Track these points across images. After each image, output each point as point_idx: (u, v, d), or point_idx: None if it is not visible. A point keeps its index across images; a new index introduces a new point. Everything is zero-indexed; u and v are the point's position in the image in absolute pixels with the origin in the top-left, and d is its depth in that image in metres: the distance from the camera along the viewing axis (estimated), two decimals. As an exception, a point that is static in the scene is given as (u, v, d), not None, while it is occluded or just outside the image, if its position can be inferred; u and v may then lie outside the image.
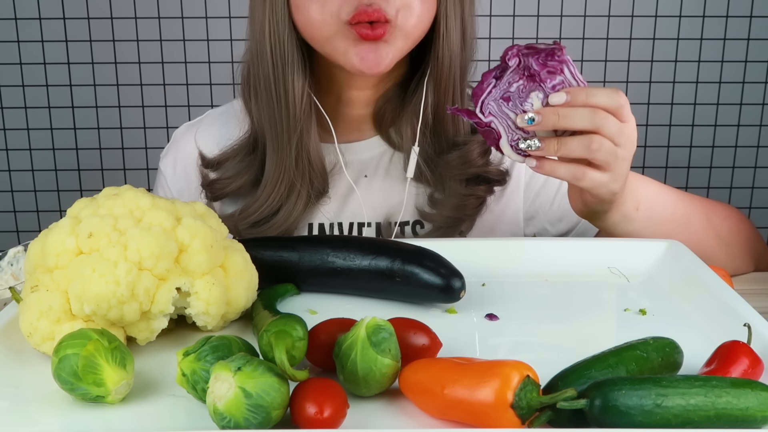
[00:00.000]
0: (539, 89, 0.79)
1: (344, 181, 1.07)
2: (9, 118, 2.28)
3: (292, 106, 0.99)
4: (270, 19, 0.97)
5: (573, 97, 0.78)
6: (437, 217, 1.04)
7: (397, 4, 0.92)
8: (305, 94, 0.99)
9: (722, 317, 0.73)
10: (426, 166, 1.05)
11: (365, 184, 1.08)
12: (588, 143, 0.79)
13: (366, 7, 0.91)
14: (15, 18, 2.20)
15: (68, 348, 0.60)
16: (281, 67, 0.98)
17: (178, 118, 2.24)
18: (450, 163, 1.03)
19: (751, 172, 2.34)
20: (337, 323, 0.67)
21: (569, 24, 2.22)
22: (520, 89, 0.79)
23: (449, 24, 0.98)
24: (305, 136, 1.01)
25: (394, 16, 0.92)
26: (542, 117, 0.78)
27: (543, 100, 0.79)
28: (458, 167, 1.03)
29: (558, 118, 0.78)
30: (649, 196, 0.94)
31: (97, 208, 0.71)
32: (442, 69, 1.00)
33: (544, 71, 0.78)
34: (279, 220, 1.03)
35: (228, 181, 1.06)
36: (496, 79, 0.79)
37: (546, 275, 0.87)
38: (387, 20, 0.92)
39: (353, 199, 1.07)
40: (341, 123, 1.08)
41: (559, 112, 0.78)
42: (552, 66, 0.78)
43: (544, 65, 0.78)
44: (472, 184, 1.04)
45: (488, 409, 0.54)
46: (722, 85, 2.27)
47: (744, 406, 0.53)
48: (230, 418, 0.55)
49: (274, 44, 0.98)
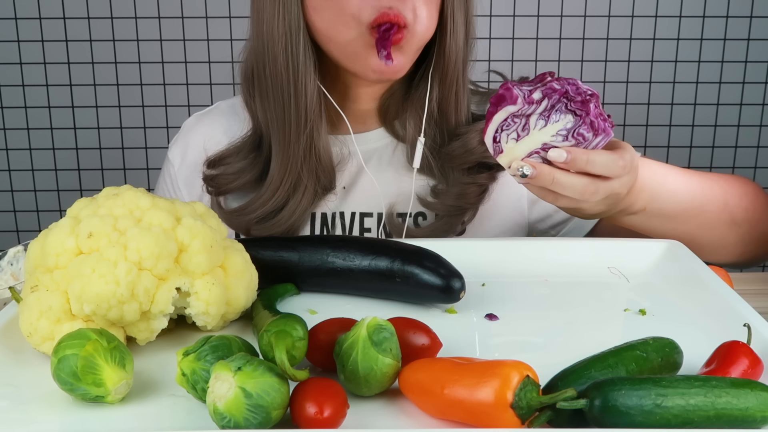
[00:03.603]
0: (576, 121, 0.78)
1: (348, 171, 1.07)
2: (9, 118, 2.28)
3: (303, 105, 0.99)
4: (282, 19, 0.97)
5: (573, 160, 0.78)
6: (439, 207, 1.05)
7: (412, 6, 0.93)
8: (316, 93, 1.00)
9: (722, 317, 0.73)
10: (431, 157, 1.05)
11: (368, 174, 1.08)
12: (582, 190, 0.80)
13: (387, 10, 0.92)
14: (15, 18, 2.20)
15: (67, 348, 0.60)
16: (293, 68, 0.98)
17: (178, 118, 2.24)
18: (452, 153, 1.04)
19: (751, 172, 2.34)
20: (337, 323, 0.67)
21: (569, 24, 2.22)
22: (561, 107, 0.78)
23: (456, 20, 1.00)
24: (315, 133, 1.01)
25: (412, 20, 0.94)
26: (537, 174, 0.79)
27: (566, 130, 0.78)
28: (460, 156, 1.03)
29: (551, 182, 0.79)
30: (662, 196, 0.93)
31: (97, 208, 0.71)
32: (448, 64, 1.01)
33: (590, 119, 0.77)
34: (285, 215, 1.04)
35: (232, 176, 1.07)
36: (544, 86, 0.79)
37: (546, 275, 0.87)
38: (405, 25, 0.93)
39: (356, 189, 1.08)
40: (347, 116, 1.09)
41: (554, 176, 0.78)
42: (597, 125, 0.78)
43: (596, 116, 0.78)
44: (474, 173, 1.05)
45: (488, 409, 0.54)
46: (722, 85, 2.27)
47: (744, 406, 0.53)
48: (230, 418, 0.55)
49: (285, 45, 0.98)
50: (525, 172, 0.78)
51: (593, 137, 0.78)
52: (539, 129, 0.78)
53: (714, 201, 0.98)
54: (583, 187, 0.80)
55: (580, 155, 0.78)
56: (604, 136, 0.78)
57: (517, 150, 0.79)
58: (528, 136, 0.79)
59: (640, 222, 0.93)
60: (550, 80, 0.79)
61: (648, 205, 0.91)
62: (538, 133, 0.78)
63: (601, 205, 0.84)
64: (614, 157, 0.80)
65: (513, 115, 0.79)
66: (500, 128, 0.79)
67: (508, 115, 0.79)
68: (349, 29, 0.94)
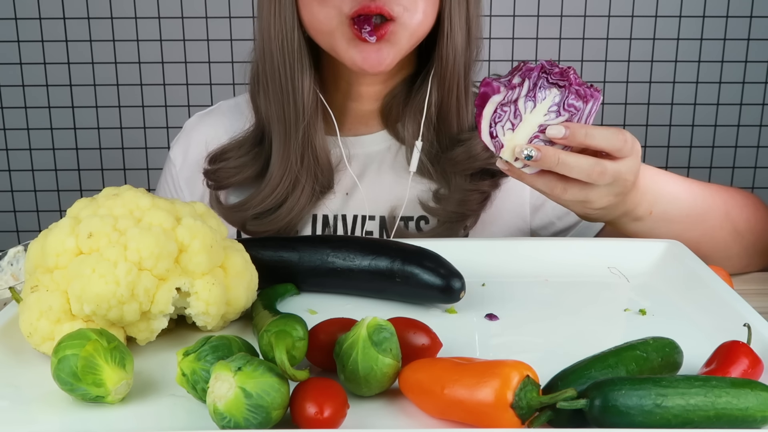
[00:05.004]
0: (562, 93, 0.78)
1: (349, 174, 1.07)
2: (9, 118, 2.28)
3: (300, 102, 1.00)
4: (277, 17, 0.98)
5: (572, 134, 0.77)
6: (441, 213, 1.04)
7: (404, 1, 0.93)
8: (312, 91, 1.00)
9: (722, 317, 0.73)
10: (430, 162, 1.05)
11: (370, 177, 1.08)
12: (590, 170, 0.79)
13: (369, 2, 0.91)
14: (15, 18, 2.20)
15: (67, 348, 0.60)
16: (288, 65, 0.99)
17: (178, 118, 2.24)
18: (455, 159, 1.03)
19: (751, 172, 2.34)
20: (337, 323, 0.67)
21: (569, 24, 2.22)
22: (543, 82, 0.78)
23: (454, 23, 0.98)
24: (312, 132, 1.02)
25: (400, 13, 0.93)
26: (542, 156, 0.78)
27: (556, 105, 0.78)
28: (463, 162, 1.03)
29: (557, 163, 0.78)
30: (664, 199, 0.92)
31: (97, 208, 0.71)
32: (446, 67, 1.00)
33: (575, 88, 0.77)
34: (282, 213, 1.04)
35: (233, 171, 1.07)
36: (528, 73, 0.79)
37: (546, 275, 0.87)
38: (392, 18, 0.93)
39: (358, 191, 1.08)
40: (349, 117, 1.09)
41: (560, 157, 0.78)
42: (584, 92, 0.78)
43: (580, 85, 0.78)
44: (477, 179, 1.05)
45: (488, 409, 0.54)
46: (722, 85, 2.27)
47: (744, 406, 0.53)
48: (230, 418, 0.55)
49: (281, 42, 0.98)
50: (530, 154, 0.78)
51: (584, 104, 0.78)
52: (530, 111, 0.78)
53: (716, 209, 0.98)
54: (590, 167, 0.79)
55: (578, 128, 0.77)
56: (594, 101, 0.78)
57: (516, 139, 0.79)
58: (522, 122, 0.79)
59: (645, 228, 0.92)
60: (523, 65, 0.79)
61: (653, 209, 0.91)
62: (531, 115, 0.78)
63: (609, 196, 0.83)
64: (613, 131, 0.79)
65: (500, 104, 0.79)
66: (493, 122, 0.79)
67: (495, 105, 0.79)
68: (330, 19, 0.94)
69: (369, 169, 1.09)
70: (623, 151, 0.80)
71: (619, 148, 0.80)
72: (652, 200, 0.90)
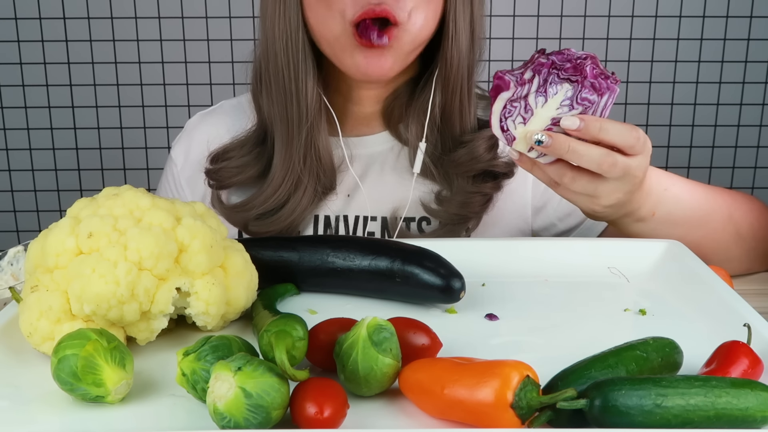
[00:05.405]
0: (574, 87, 0.77)
1: (351, 174, 1.07)
2: (9, 118, 2.28)
3: (303, 103, 1.00)
4: (281, 17, 0.98)
5: (586, 126, 0.77)
6: (443, 214, 1.04)
7: (409, 7, 0.93)
8: (315, 92, 1.00)
9: (722, 317, 0.73)
10: (432, 163, 1.05)
11: (372, 178, 1.08)
12: (600, 160, 0.78)
13: (374, 6, 0.91)
14: (15, 18, 2.20)
15: (67, 348, 0.60)
16: (292, 66, 0.99)
17: (178, 118, 2.24)
18: (457, 161, 1.03)
19: (751, 172, 2.34)
20: (337, 323, 0.67)
21: (569, 24, 2.22)
22: (553, 78, 0.77)
23: (458, 25, 0.98)
24: (314, 132, 1.02)
25: (405, 19, 0.93)
26: (552, 142, 0.77)
27: (568, 99, 0.77)
28: (466, 164, 1.03)
29: (567, 150, 0.77)
30: (668, 201, 0.92)
31: (97, 208, 0.71)
32: (450, 69, 1.00)
33: (590, 81, 0.76)
34: (285, 213, 1.03)
35: (235, 170, 1.07)
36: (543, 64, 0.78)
37: (546, 275, 0.87)
38: (396, 22, 0.93)
39: (360, 192, 1.08)
40: (350, 119, 1.09)
41: (570, 144, 0.77)
42: (599, 84, 0.77)
43: (596, 77, 0.76)
44: (479, 181, 1.04)
45: (488, 409, 0.54)
46: (722, 85, 2.27)
47: (744, 406, 0.53)
48: (230, 418, 0.55)
49: (286, 42, 0.98)
50: (541, 139, 0.77)
51: (599, 97, 0.77)
52: (541, 106, 0.78)
53: (719, 211, 0.98)
54: (600, 157, 0.78)
55: (593, 122, 0.77)
56: (609, 94, 0.77)
57: (528, 130, 0.79)
58: (533, 116, 0.78)
59: (647, 230, 0.92)
60: (537, 56, 0.79)
61: (656, 210, 0.91)
62: (542, 110, 0.78)
63: (618, 192, 0.82)
64: (628, 127, 0.79)
65: (510, 100, 0.78)
66: (503, 117, 0.79)
67: (505, 102, 0.78)
68: (335, 24, 0.94)
69: (371, 170, 1.09)
70: (635, 148, 0.79)
71: (632, 145, 0.79)
72: (656, 201, 0.90)
